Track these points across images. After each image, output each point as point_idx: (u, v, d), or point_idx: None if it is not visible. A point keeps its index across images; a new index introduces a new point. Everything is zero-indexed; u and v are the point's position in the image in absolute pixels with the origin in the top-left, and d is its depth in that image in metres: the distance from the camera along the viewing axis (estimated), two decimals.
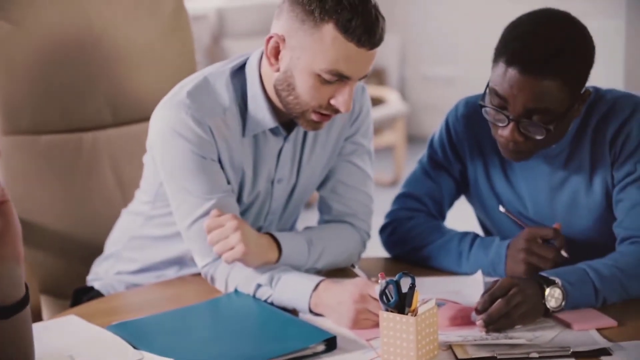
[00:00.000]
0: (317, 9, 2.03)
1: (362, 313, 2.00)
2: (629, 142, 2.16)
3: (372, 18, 2.03)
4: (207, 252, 2.19)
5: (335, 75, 2.06)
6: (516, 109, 2.06)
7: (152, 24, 2.82)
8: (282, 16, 2.09)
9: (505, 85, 2.05)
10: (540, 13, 2.10)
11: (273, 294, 2.13)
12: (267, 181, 2.27)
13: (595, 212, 2.22)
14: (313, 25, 2.03)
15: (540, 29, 2.05)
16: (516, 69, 2.03)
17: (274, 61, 2.11)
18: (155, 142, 2.20)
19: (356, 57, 2.05)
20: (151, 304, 2.19)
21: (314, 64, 2.05)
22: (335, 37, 2.03)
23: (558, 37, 2.04)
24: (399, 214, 2.40)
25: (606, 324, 1.97)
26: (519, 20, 2.10)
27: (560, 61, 2.02)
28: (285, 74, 2.10)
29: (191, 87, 2.18)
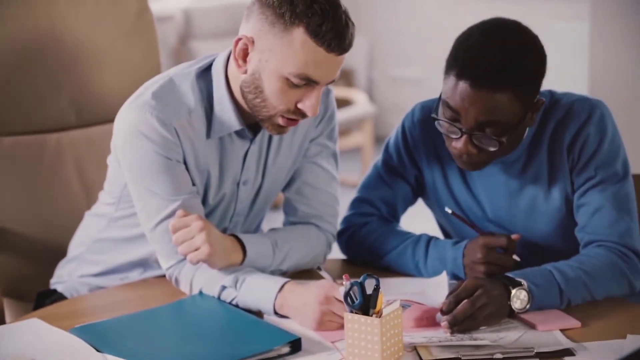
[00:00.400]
0: (287, 12, 2.02)
1: (327, 315, 1.99)
2: (587, 147, 2.16)
3: (342, 23, 2.03)
4: (172, 253, 2.18)
5: (304, 80, 2.05)
6: (468, 122, 2.05)
7: (115, 24, 2.80)
8: (251, 18, 2.08)
9: (456, 99, 2.05)
10: (490, 24, 2.08)
11: (238, 295, 2.12)
12: (233, 183, 2.26)
13: (555, 217, 2.22)
14: (283, 29, 2.03)
15: (489, 42, 2.04)
16: (467, 82, 2.02)
17: (241, 63, 2.10)
18: (119, 143, 2.18)
19: (325, 62, 2.04)
20: (115, 307, 2.17)
21: (283, 67, 2.04)
22: (305, 41, 2.02)
23: (508, 50, 2.03)
24: (353, 220, 2.40)
25: (570, 324, 1.98)
26: (469, 31, 2.08)
27: (511, 74, 2.02)
28: (252, 77, 2.09)
29: (156, 88, 2.17)
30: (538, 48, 2.08)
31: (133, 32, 2.82)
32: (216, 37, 6.52)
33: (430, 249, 2.26)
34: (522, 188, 2.23)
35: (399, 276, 2.28)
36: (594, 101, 2.20)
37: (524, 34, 2.08)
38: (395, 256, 2.30)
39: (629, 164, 2.20)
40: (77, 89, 2.75)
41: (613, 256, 2.11)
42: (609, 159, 2.16)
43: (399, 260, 2.29)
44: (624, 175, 2.17)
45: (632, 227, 2.15)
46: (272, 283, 2.10)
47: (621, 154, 2.19)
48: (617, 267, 2.10)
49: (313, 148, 2.34)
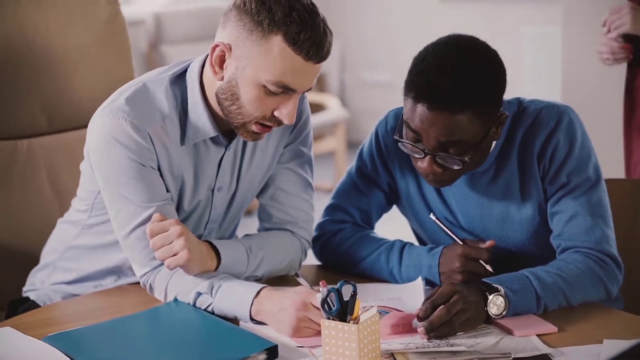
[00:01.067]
0: (266, 19, 2.01)
1: (304, 321, 1.98)
2: (557, 153, 2.16)
3: (320, 32, 2.02)
4: (146, 260, 2.16)
5: (281, 88, 2.04)
6: (430, 143, 2.05)
7: (87, 29, 2.78)
8: (228, 25, 2.06)
9: (416, 121, 2.04)
10: (445, 44, 2.07)
11: (213, 301, 2.10)
12: (208, 190, 2.24)
13: (529, 226, 2.22)
14: (261, 36, 2.02)
15: (445, 63, 2.02)
16: (424, 105, 2.02)
17: (218, 70, 2.09)
18: (93, 149, 2.16)
19: (303, 70, 2.04)
20: (89, 314, 2.15)
21: (260, 74, 2.03)
22: (283, 49, 2.01)
23: (464, 70, 2.01)
24: (327, 227, 2.39)
25: (547, 330, 1.97)
26: (424, 53, 2.07)
27: (468, 94, 2.01)
28: (229, 84, 2.08)
29: (129, 93, 2.15)
30: (495, 65, 2.07)
31: (105, 37, 2.80)
32: (187, 41, 6.49)
33: (404, 255, 2.25)
34: (493, 198, 2.23)
35: (374, 282, 2.27)
36: (561, 107, 2.20)
37: (479, 51, 2.06)
38: (369, 263, 2.29)
39: (600, 169, 2.20)
40: (49, 94, 2.72)
41: (590, 262, 2.11)
42: (580, 165, 2.16)
43: (374, 267, 2.29)
44: (596, 180, 2.17)
45: (607, 232, 2.15)
46: (248, 289, 2.08)
47: (592, 158, 2.18)
48: (594, 272, 2.10)
49: (287, 154, 2.33)
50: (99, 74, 2.79)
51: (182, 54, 6.38)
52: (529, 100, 2.23)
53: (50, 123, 2.74)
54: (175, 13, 6.55)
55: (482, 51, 2.07)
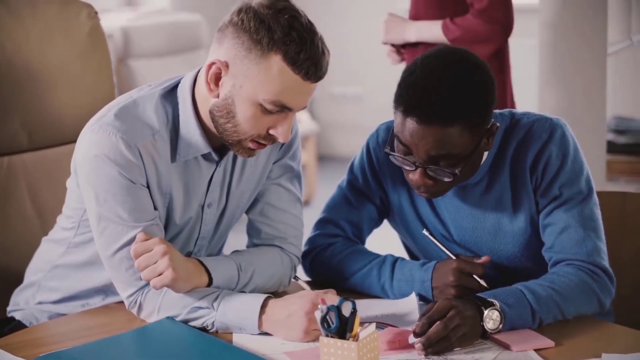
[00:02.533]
0: (265, 38, 1.99)
1: (314, 323, 1.96)
2: (550, 166, 2.16)
3: (319, 51, 2.01)
4: (132, 280, 2.13)
5: (278, 106, 2.03)
6: (420, 156, 2.05)
7: (68, 44, 2.74)
8: (224, 42, 2.04)
9: (406, 135, 2.04)
10: (434, 57, 2.07)
11: (216, 314, 2.07)
12: (198, 206, 2.22)
13: (520, 238, 2.22)
14: (260, 55, 2.00)
15: (434, 76, 2.03)
16: (414, 119, 2.02)
17: (213, 87, 2.07)
18: (81, 165, 2.13)
19: (300, 89, 2.03)
20: (78, 334, 2.12)
21: (258, 93, 2.02)
22: (282, 69, 2.00)
23: (453, 83, 2.02)
24: (318, 241, 2.37)
25: (544, 344, 1.97)
26: (414, 66, 2.07)
27: (458, 107, 2.01)
28: (225, 101, 2.06)
29: (119, 109, 2.12)
30: (484, 76, 2.06)
31: (86, 52, 2.77)
32: (155, 56, 6.45)
33: (396, 270, 2.24)
34: (485, 210, 2.22)
35: (367, 298, 2.25)
36: (554, 120, 2.20)
37: (468, 63, 2.06)
38: (360, 277, 2.28)
39: (592, 182, 2.20)
40: (29, 110, 2.68)
41: (582, 274, 2.11)
42: (573, 177, 2.16)
43: (365, 282, 2.27)
44: (588, 193, 2.17)
45: (599, 245, 2.15)
46: (253, 299, 2.07)
47: (584, 171, 2.19)
48: (587, 285, 2.10)
49: (276, 170, 2.31)
50: (80, 89, 2.75)
51: (150, 68, 6.35)
52: (521, 112, 2.23)
53: (30, 140, 2.70)
54: (143, 27, 6.51)
55: (471, 63, 2.07)
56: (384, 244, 2.54)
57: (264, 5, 2.02)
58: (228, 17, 2.06)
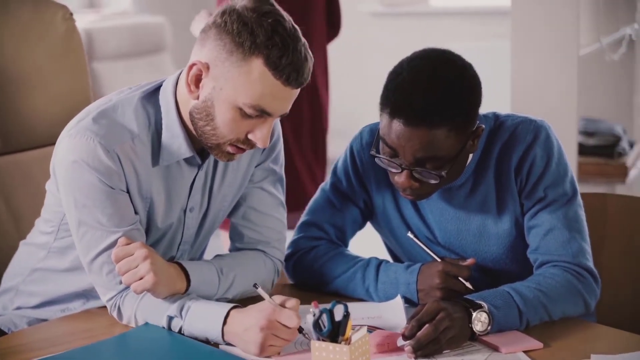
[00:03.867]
0: (247, 41, 1.97)
1: (270, 339, 1.94)
2: (535, 168, 2.16)
3: (301, 57, 1.99)
4: (112, 284, 2.11)
5: (258, 111, 2.01)
6: (406, 158, 2.04)
7: (42, 46, 2.71)
8: (207, 44, 2.02)
9: (392, 137, 2.03)
10: (420, 59, 2.06)
11: (183, 323, 2.05)
12: (180, 210, 2.19)
13: (505, 240, 2.22)
14: (241, 58, 1.98)
15: (420, 78, 2.02)
16: (400, 121, 2.01)
17: (194, 88, 2.04)
18: (60, 170, 2.10)
19: (281, 95, 2.01)
20: (59, 340, 2.09)
21: (238, 97, 2.00)
22: (263, 73, 1.98)
23: (439, 85, 2.01)
24: (301, 244, 2.35)
25: (532, 346, 1.97)
26: (400, 68, 2.06)
27: (444, 109, 2.00)
28: (204, 103, 2.04)
29: (97, 113, 2.09)
30: (470, 78, 2.06)
31: (61, 54, 2.74)
32: (119, 58, 6.40)
33: (380, 272, 2.23)
34: (470, 212, 2.22)
35: (353, 301, 2.24)
36: (538, 122, 2.20)
37: (454, 65, 2.06)
38: (344, 281, 2.26)
39: (576, 183, 2.21)
40: (3, 113, 2.65)
41: (568, 276, 2.11)
42: (557, 179, 2.17)
43: (349, 285, 2.26)
44: (572, 195, 2.18)
45: (584, 246, 2.16)
46: (218, 310, 2.03)
47: (568, 173, 2.19)
48: (573, 286, 2.11)
49: (259, 173, 2.29)
50: (55, 91, 2.72)
51: (114, 70, 6.30)
52: (506, 114, 2.23)
53: (5, 143, 2.66)
54: (106, 29, 6.45)
55: (457, 65, 2.06)
56: (367, 246, 2.53)
57: (248, 8, 2.00)
58: (212, 18, 2.03)
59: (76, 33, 2.77)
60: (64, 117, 2.22)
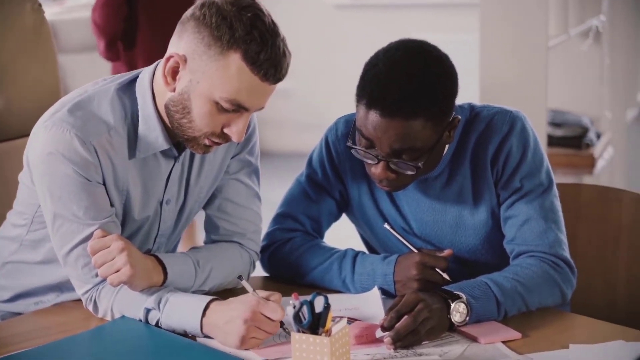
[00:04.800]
0: (226, 35, 1.95)
1: (252, 331, 1.93)
2: (511, 158, 2.16)
3: (280, 52, 1.98)
4: (88, 277, 2.09)
5: (234, 105, 2.00)
6: (383, 149, 2.04)
7: (10, 38, 2.68)
8: (184, 36, 2.00)
9: (369, 128, 2.03)
10: (396, 50, 2.06)
11: (161, 316, 2.03)
12: (157, 203, 2.18)
13: (482, 231, 2.22)
14: (219, 52, 1.96)
15: (396, 69, 2.02)
16: (377, 112, 2.01)
17: (170, 81, 2.03)
18: (35, 163, 2.07)
19: (258, 90, 2.00)
20: (34, 334, 2.07)
21: (214, 91, 1.98)
22: (240, 68, 1.96)
23: (415, 76, 2.01)
24: (277, 236, 2.34)
25: (511, 336, 1.97)
26: (376, 59, 2.06)
27: (420, 100, 2.00)
28: (181, 96, 2.02)
29: (73, 104, 2.06)
30: (446, 69, 2.06)
31: (30, 46, 2.71)
32: (83, 50, 6.34)
33: (357, 264, 2.22)
34: (446, 203, 2.22)
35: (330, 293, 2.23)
36: (514, 113, 2.21)
37: (430, 56, 2.05)
38: (321, 272, 2.26)
39: (552, 174, 2.21)
40: None
41: (545, 266, 2.12)
42: (533, 170, 2.17)
43: (325, 277, 2.25)
44: (548, 185, 2.19)
45: (560, 236, 2.17)
46: (197, 302, 2.02)
47: (544, 163, 2.20)
48: (550, 276, 2.11)
49: (234, 164, 2.28)
50: (25, 84, 2.69)
51: (78, 63, 6.25)
52: (481, 105, 2.23)
53: None
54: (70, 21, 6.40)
55: (433, 56, 2.06)
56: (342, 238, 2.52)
57: (227, 2, 1.98)
58: (190, 10, 2.02)
59: (45, 24, 2.75)
60: (34, 110, 2.20)
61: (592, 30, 4.68)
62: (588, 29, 4.70)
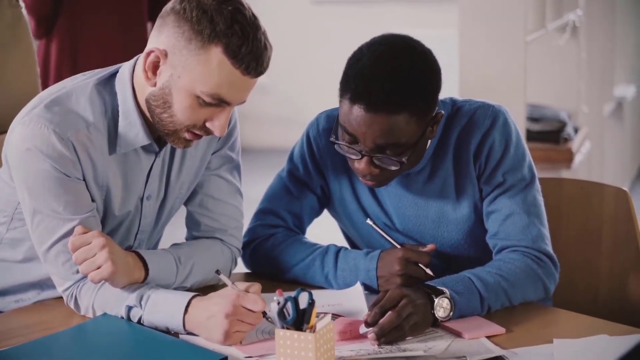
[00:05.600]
0: (206, 29, 1.94)
1: (235, 325, 1.92)
2: (493, 153, 2.16)
3: (261, 46, 1.97)
4: (69, 274, 2.07)
5: (216, 99, 1.99)
6: (367, 144, 2.03)
7: None
8: (165, 30, 1.99)
9: (352, 123, 2.02)
10: (380, 45, 2.05)
11: (143, 313, 2.02)
12: (137, 199, 2.16)
13: (464, 225, 2.21)
14: (200, 46, 1.95)
15: (380, 64, 2.01)
16: (361, 107, 2.00)
17: (151, 76, 2.01)
18: (13, 160, 2.05)
19: (239, 84, 1.99)
20: (15, 333, 2.05)
21: (196, 85, 1.97)
22: (221, 62, 1.95)
23: (401, 71, 2.01)
24: (258, 232, 2.33)
25: (495, 331, 1.97)
26: (359, 53, 2.05)
27: (405, 95, 2.00)
28: (162, 91, 2.01)
29: (50, 100, 2.05)
30: (430, 64, 2.06)
31: (8, 43, 2.69)
32: None
33: (339, 259, 2.22)
34: (429, 198, 2.21)
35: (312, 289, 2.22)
36: (496, 107, 2.20)
37: (414, 51, 2.05)
38: (303, 268, 2.25)
39: (534, 168, 2.22)
40: None
41: (528, 261, 2.12)
42: (516, 164, 2.17)
43: (308, 272, 2.24)
44: (530, 180, 2.19)
45: (543, 231, 2.17)
46: (179, 298, 2.01)
47: (527, 158, 2.20)
48: (533, 271, 2.11)
49: (216, 160, 2.26)
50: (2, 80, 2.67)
51: None
52: (463, 99, 2.23)
53: None
54: None
55: (417, 51, 2.06)
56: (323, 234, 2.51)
57: None
58: (170, 4, 2.00)
59: (23, 20, 2.74)
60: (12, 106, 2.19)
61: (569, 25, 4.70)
62: (565, 23, 4.71)
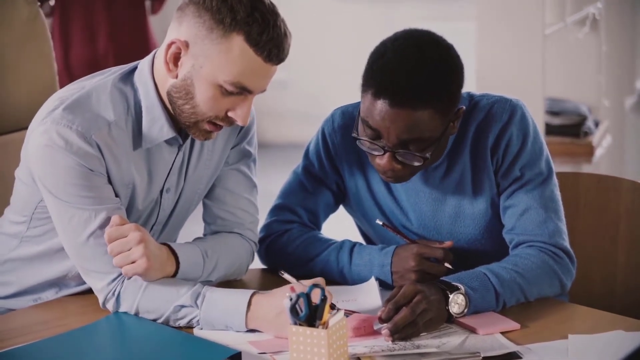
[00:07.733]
0: (227, 18, 1.94)
1: None
2: (511, 147, 2.15)
3: (281, 33, 1.98)
4: (110, 267, 2.04)
5: (238, 88, 1.99)
6: (390, 140, 2.02)
7: (5, 32, 2.67)
8: (184, 21, 1.99)
9: (376, 118, 2.01)
10: (404, 39, 2.04)
11: (200, 313, 2.01)
12: (158, 191, 2.16)
13: (481, 220, 2.20)
14: (221, 35, 1.95)
15: (405, 59, 2.00)
16: (385, 102, 1.99)
17: (172, 67, 2.01)
18: (35, 160, 2.04)
19: (261, 72, 1.99)
20: (32, 329, 2.05)
21: (218, 74, 1.97)
22: (243, 50, 1.95)
23: (424, 66, 1.99)
24: (274, 227, 2.33)
25: (510, 327, 1.97)
26: (383, 48, 2.04)
27: (429, 91, 1.99)
28: (184, 82, 2.01)
29: (71, 101, 2.03)
30: (454, 59, 2.05)
31: (25, 39, 2.70)
32: None
33: (354, 255, 2.22)
34: (445, 193, 2.21)
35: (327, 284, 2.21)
36: (513, 101, 2.19)
37: (438, 46, 2.04)
38: (318, 263, 2.25)
39: (552, 163, 2.20)
40: None
41: (544, 256, 2.11)
42: (533, 159, 2.16)
43: (323, 267, 2.24)
44: (548, 174, 2.17)
45: (560, 226, 2.15)
46: (239, 296, 2.01)
47: (544, 152, 2.18)
48: (549, 267, 2.10)
49: (234, 155, 2.26)
50: (20, 77, 2.69)
51: None
52: (480, 94, 2.22)
53: None
54: None
55: (442, 46, 2.05)
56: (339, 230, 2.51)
57: None
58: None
59: (40, 17, 2.74)
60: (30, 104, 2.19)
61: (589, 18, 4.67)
62: (585, 16, 4.68)
